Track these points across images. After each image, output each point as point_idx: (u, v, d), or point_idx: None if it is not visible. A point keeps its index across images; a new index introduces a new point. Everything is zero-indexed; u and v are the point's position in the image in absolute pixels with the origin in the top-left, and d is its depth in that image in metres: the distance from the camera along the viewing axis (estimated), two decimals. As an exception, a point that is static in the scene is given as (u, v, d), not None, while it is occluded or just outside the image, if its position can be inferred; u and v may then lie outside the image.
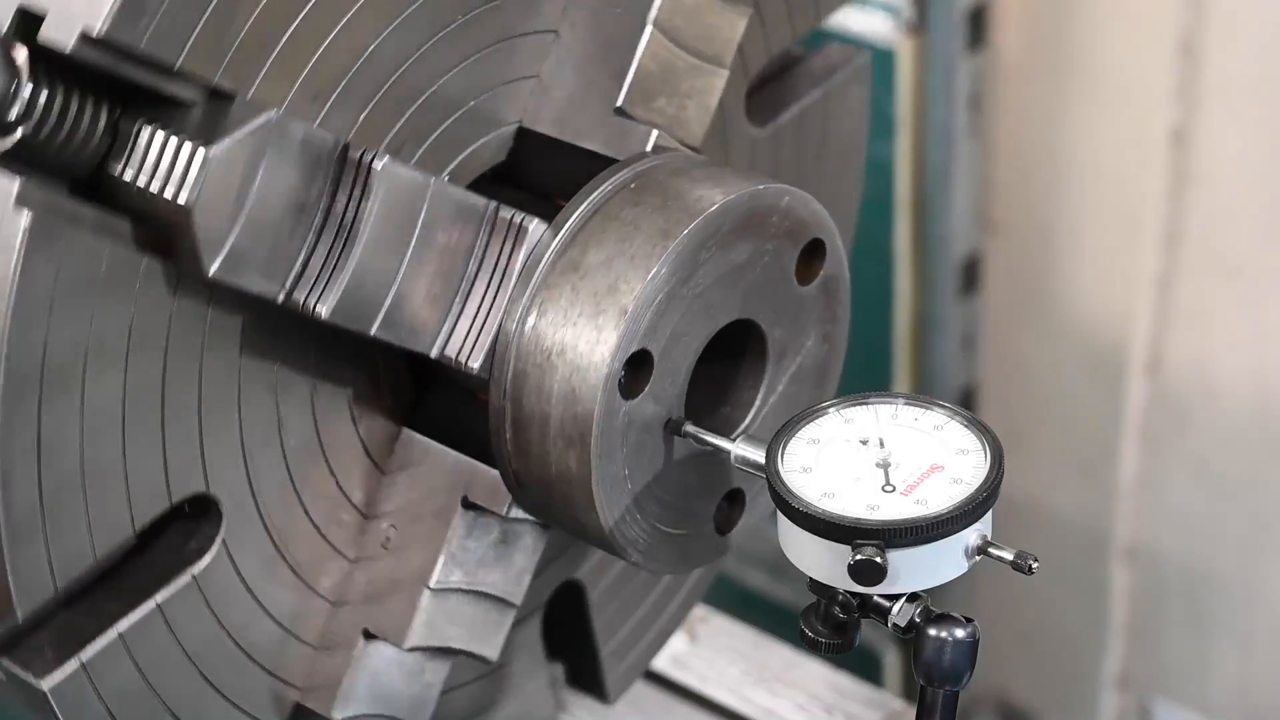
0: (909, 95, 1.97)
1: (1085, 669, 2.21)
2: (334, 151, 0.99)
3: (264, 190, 0.96)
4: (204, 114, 0.96)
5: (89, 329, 0.97)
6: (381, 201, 0.99)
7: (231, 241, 0.96)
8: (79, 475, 0.99)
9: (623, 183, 1.07)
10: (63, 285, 0.94)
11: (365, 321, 1.02)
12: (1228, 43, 1.83)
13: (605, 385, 1.02)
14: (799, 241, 1.09)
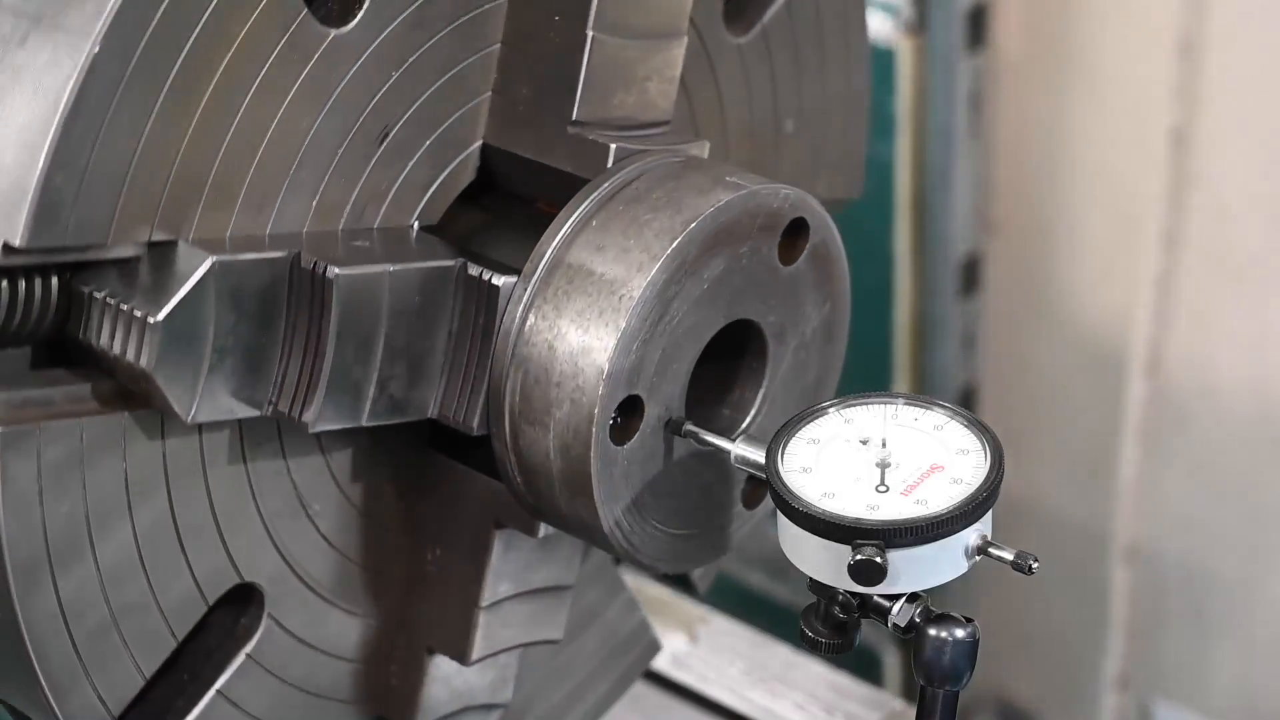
0: (909, 95, 1.97)
1: (1085, 669, 2.21)
2: (286, 266, 1.00)
3: (222, 330, 0.98)
4: (149, 268, 0.97)
5: (84, 498, 0.98)
6: (341, 307, 1.00)
7: (201, 388, 0.98)
8: (110, 620, 1.01)
9: (584, 219, 1.05)
10: (48, 472, 0.96)
11: (354, 416, 1.03)
12: (1228, 43, 1.83)
13: (596, 439, 1.03)
14: (776, 231, 1.08)
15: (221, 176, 0.99)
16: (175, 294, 0.96)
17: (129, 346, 0.96)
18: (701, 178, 1.07)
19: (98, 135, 0.93)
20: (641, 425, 1.06)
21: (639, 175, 1.07)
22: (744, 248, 1.06)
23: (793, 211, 1.08)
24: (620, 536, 1.06)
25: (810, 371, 1.14)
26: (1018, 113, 2.01)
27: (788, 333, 1.12)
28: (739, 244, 1.06)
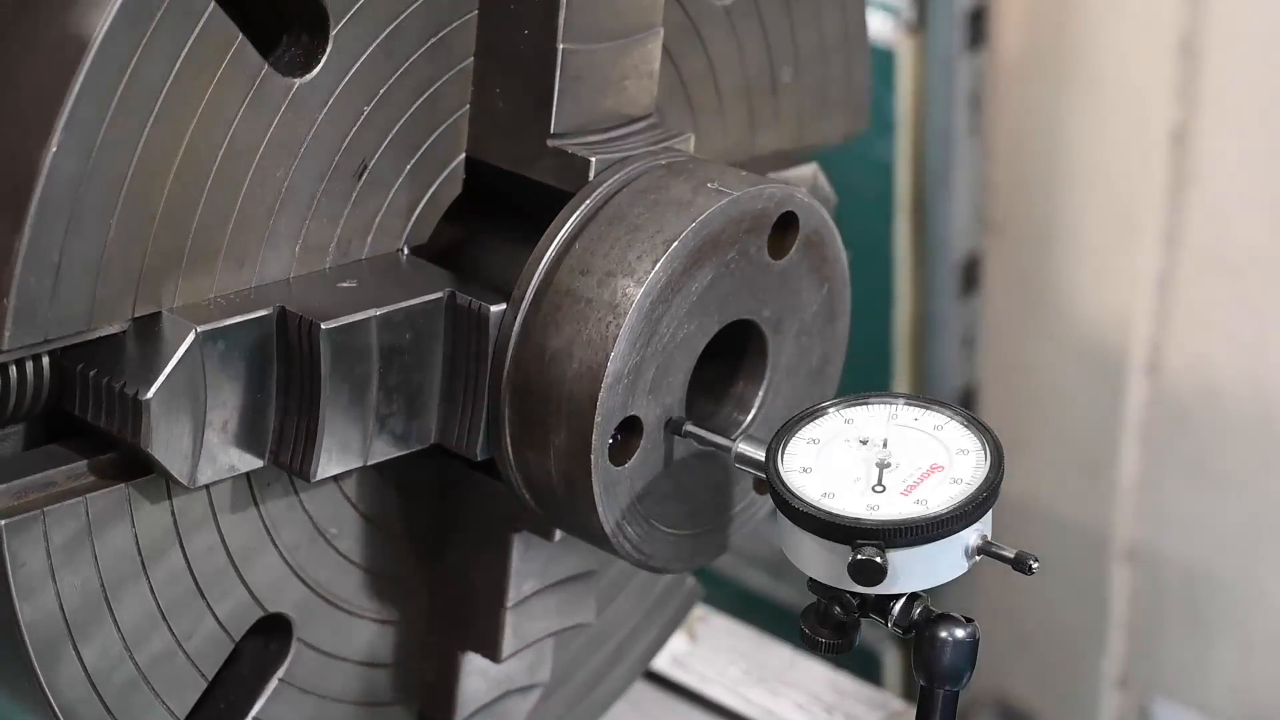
0: (909, 95, 1.97)
1: (1085, 669, 2.21)
2: (273, 322, 1.00)
3: (215, 394, 0.98)
4: (135, 342, 0.97)
5: (96, 569, 0.99)
6: (332, 357, 1.00)
7: (201, 453, 0.98)
8: (137, 675, 1.02)
9: (567, 241, 1.04)
10: (57, 553, 0.97)
11: (356, 458, 1.03)
12: (1228, 43, 1.83)
13: (597, 464, 1.03)
14: (764, 230, 1.07)
15: (199, 241, 0.98)
16: (163, 370, 0.96)
17: (123, 423, 0.97)
18: (683, 187, 1.05)
19: (66, 229, 0.92)
20: (642, 441, 1.06)
21: (621, 188, 1.05)
22: (731, 254, 1.05)
23: (779, 209, 1.08)
24: (628, 546, 1.07)
25: (814, 353, 1.14)
26: (1018, 113, 2.01)
27: (785, 321, 1.11)
28: (725, 251, 1.05)
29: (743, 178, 1.07)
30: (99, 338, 0.96)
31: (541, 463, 1.05)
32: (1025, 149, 2.02)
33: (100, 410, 0.98)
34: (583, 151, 1.06)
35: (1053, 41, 1.95)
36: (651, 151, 1.08)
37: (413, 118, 1.06)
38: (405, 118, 1.05)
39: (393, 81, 1.04)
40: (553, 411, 1.03)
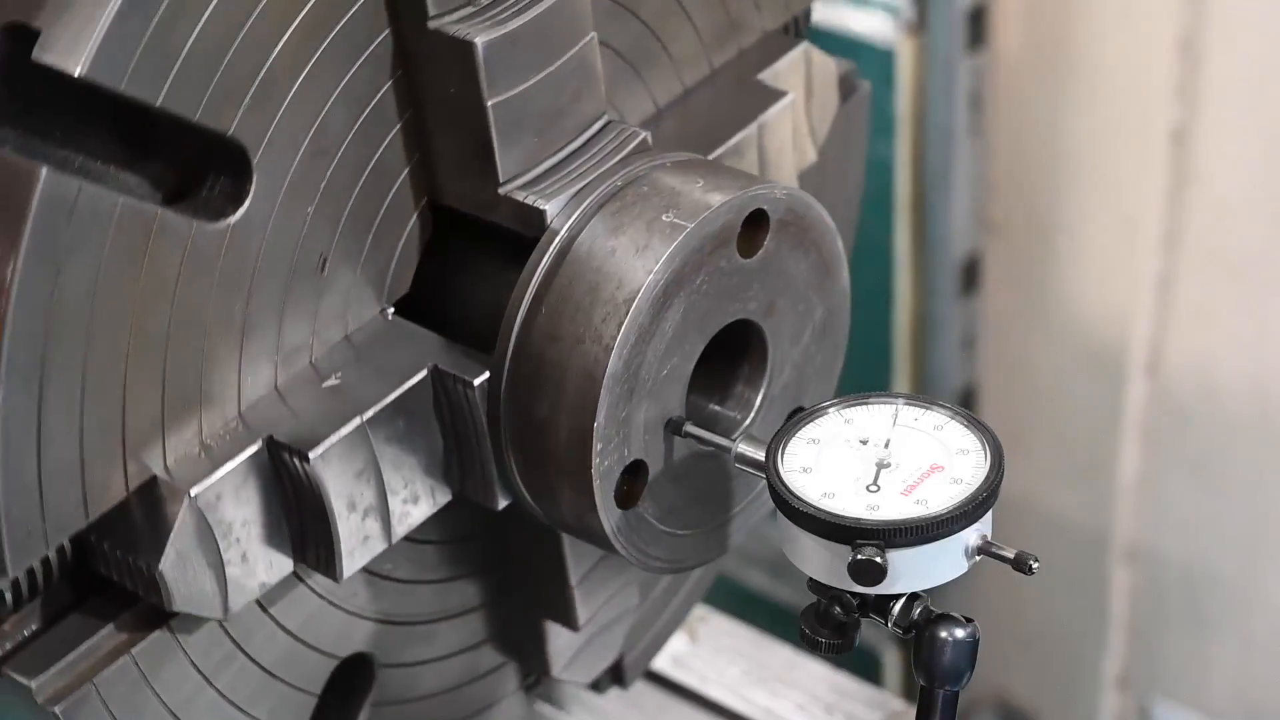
0: (909, 95, 1.97)
1: (1085, 669, 2.21)
2: (265, 453, 1.00)
3: (226, 538, 0.99)
4: (139, 510, 0.98)
5: (162, 703, 1.02)
6: (328, 478, 1.00)
7: (229, 588, 0.99)
8: None
9: (534, 301, 1.03)
10: (119, 706, 1.00)
11: (381, 542, 1.04)
12: (1228, 43, 1.83)
13: (605, 513, 1.04)
14: (730, 242, 1.05)
15: (173, 401, 0.98)
16: (167, 540, 0.97)
17: (145, 588, 0.99)
18: (638, 226, 1.03)
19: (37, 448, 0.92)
20: (650, 476, 1.07)
21: (578, 233, 1.03)
22: (700, 278, 1.04)
23: (742, 216, 1.05)
24: (628, 545, 1.07)
25: (815, 313, 1.12)
26: (1018, 113, 2.01)
27: (777, 301, 1.10)
28: (693, 279, 1.03)
29: (697, 196, 1.04)
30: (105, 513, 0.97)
31: (553, 508, 1.07)
32: (1025, 149, 2.02)
33: (122, 574, 0.99)
34: (535, 198, 1.04)
35: (1053, 41, 1.95)
36: (607, 172, 1.06)
37: (361, 194, 1.04)
38: (353, 199, 1.03)
39: (330, 174, 1.01)
40: (555, 473, 1.04)
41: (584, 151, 1.06)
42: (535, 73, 1.02)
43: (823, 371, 1.15)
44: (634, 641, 1.28)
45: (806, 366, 1.13)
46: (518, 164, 1.04)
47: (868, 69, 1.30)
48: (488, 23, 1.00)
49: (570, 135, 1.06)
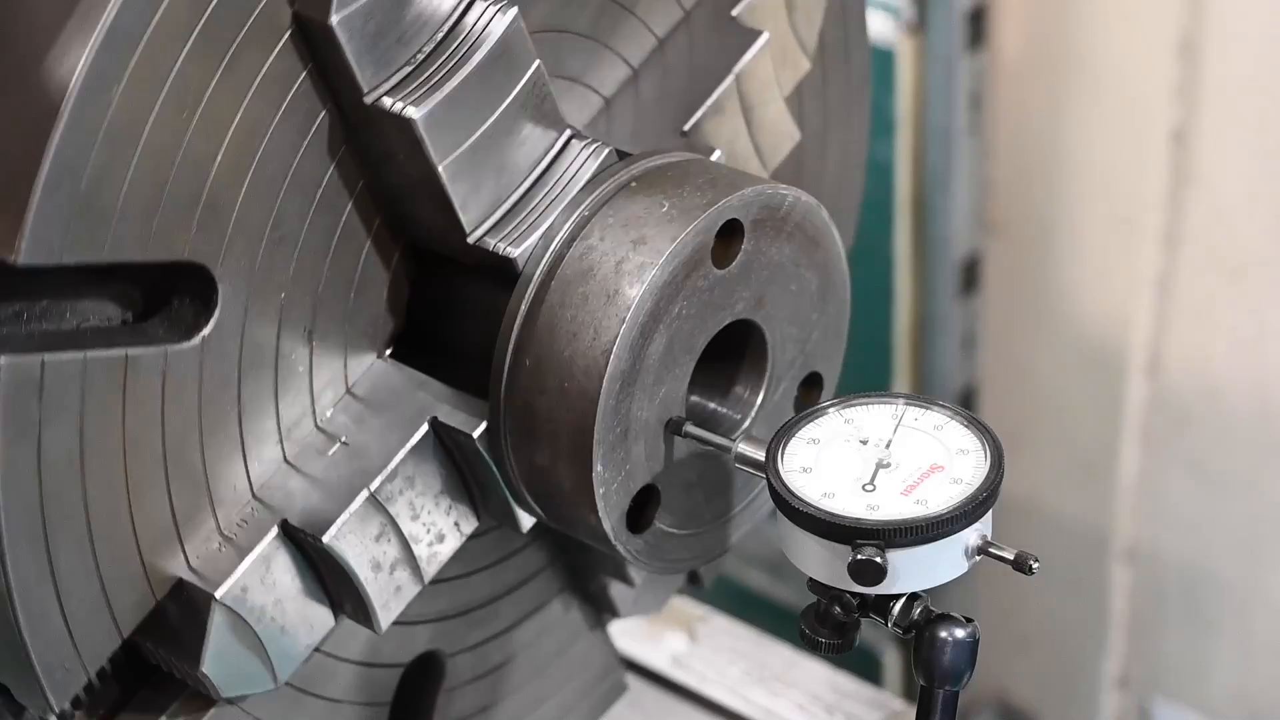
0: (909, 95, 1.97)
1: (1085, 669, 2.21)
2: (281, 537, 1.01)
3: (261, 619, 1.00)
4: (174, 611, 1.00)
5: None
6: (346, 552, 1.01)
7: (274, 663, 1.01)
8: None
9: (517, 354, 1.04)
10: None
11: (415, 586, 1.05)
12: (1228, 43, 1.83)
13: (621, 543, 1.06)
14: (704, 262, 1.04)
15: (183, 509, 0.99)
16: (206, 644, 0.98)
17: (195, 683, 1.00)
18: (608, 267, 1.02)
19: (59, 602, 0.94)
20: (660, 502, 1.07)
21: (551, 275, 1.03)
22: (678, 305, 1.03)
23: (713, 230, 1.03)
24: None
25: (810, 285, 1.11)
26: (1018, 113, 2.01)
27: (767, 294, 1.09)
28: (671, 308, 1.03)
29: (664, 224, 1.02)
30: None
31: (575, 531, 1.09)
32: (1025, 149, 2.02)
33: (171, 667, 1.01)
34: (504, 245, 1.03)
35: (1053, 41, 1.95)
36: (573, 201, 1.04)
37: (334, 262, 1.03)
38: (326, 268, 1.03)
39: (296, 256, 1.01)
40: (567, 516, 1.06)
41: (548, 178, 1.04)
42: (481, 122, 1.00)
43: (830, 333, 1.14)
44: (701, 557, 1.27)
45: (812, 334, 1.12)
46: (481, 210, 1.02)
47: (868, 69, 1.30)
48: (424, 89, 0.98)
49: (531, 165, 1.04)
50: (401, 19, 0.97)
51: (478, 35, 0.99)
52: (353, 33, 0.95)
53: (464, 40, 0.99)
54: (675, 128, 1.13)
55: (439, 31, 0.99)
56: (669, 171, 1.06)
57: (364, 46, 0.96)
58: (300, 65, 0.96)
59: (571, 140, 1.05)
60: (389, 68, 0.97)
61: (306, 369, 1.03)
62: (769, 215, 1.06)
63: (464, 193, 1.01)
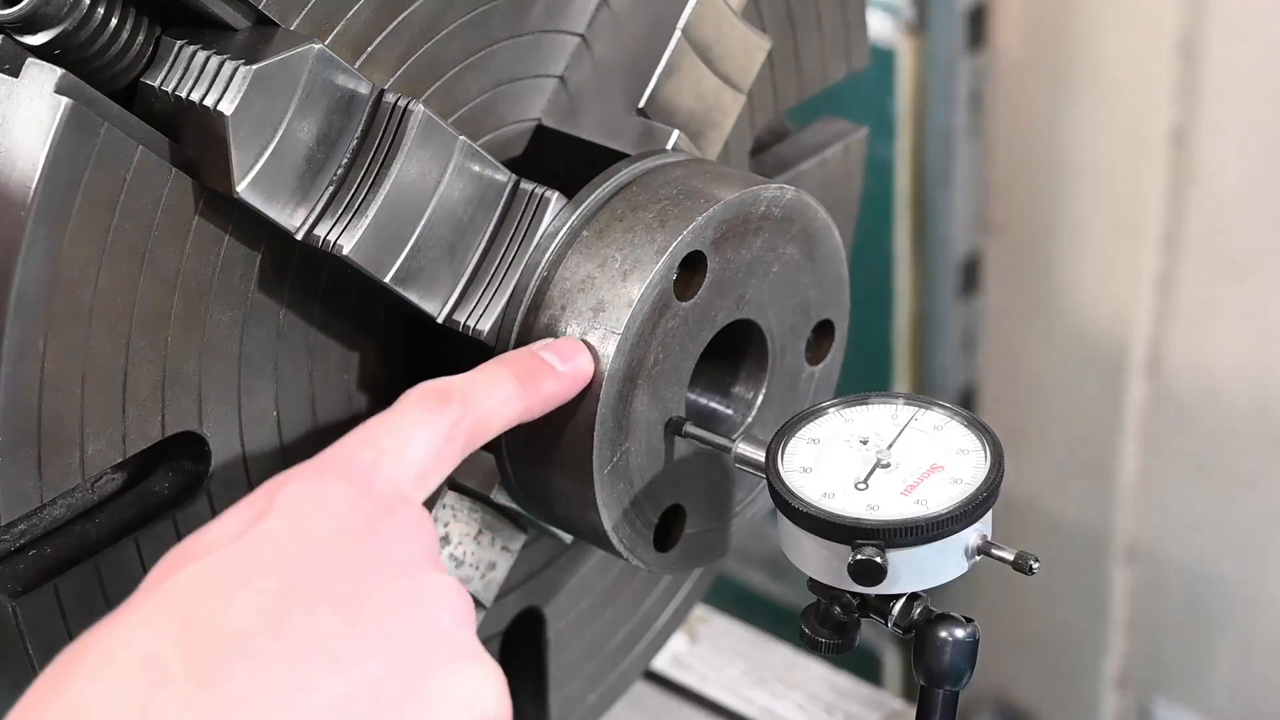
0: (909, 95, 1.97)
1: (1085, 669, 2.21)
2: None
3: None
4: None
5: None
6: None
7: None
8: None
9: None
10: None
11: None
12: (1228, 43, 1.83)
13: (646, 561, 1.07)
14: (669, 304, 1.02)
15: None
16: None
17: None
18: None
19: None
20: (686, 522, 1.08)
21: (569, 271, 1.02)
22: (651, 357, 1.02)
23: (670, 277, 1.02)
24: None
25: (790, 255, 1.08)
26: (1018, 113, 2.01)
27: (746, 291, 1.07)
28: (646, 361, 1.02)
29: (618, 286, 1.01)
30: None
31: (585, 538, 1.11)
32: (1025, 149, 2.02)
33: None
34: (472, 320, 1.02)
35: (1053, 41, 1.95)
36: (529, 265, 1.03)
37: (319, 368, 1.04)
38: (313, 376, 1.03)
39: (278, 390, 1.02)
40: None
41: (501, 237, 1.03)
42: (414, 228, 0.99)
43: (828, 280, 1.12)
44: None
45: (808, 293, 1.11)
46: (442, 296, 1.02)
47: (868, 69, 1.30)
48: (347, 219, 0.97)
49: (479, 232, 1.03)
50: (310, 150, 0.95)
51: (393, 136, 0.98)
52: (264, 192, 0.94)
53: (380, 146, 0.98)
54: (629, 107, 1.11)
55: (352, 140, 0.97)
56: (618, 208, 1.04)
57: (279, 196, 0.95)
58: (221, 232, 0.96)
59: (518, 194, 1.04)
60: (311, 199, 0.96)
61: None
62: (730, 227, 1.04)
63: (420, 290, 1.00)
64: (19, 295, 0.87)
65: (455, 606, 0.81)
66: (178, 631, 0.75)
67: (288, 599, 0.77)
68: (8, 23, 0.88)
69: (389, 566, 0.81)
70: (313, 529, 0.81)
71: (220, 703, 0.73)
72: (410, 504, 0.85)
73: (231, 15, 0.94)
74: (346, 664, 0.76)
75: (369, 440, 0.87)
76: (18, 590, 0.93)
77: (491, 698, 0.79)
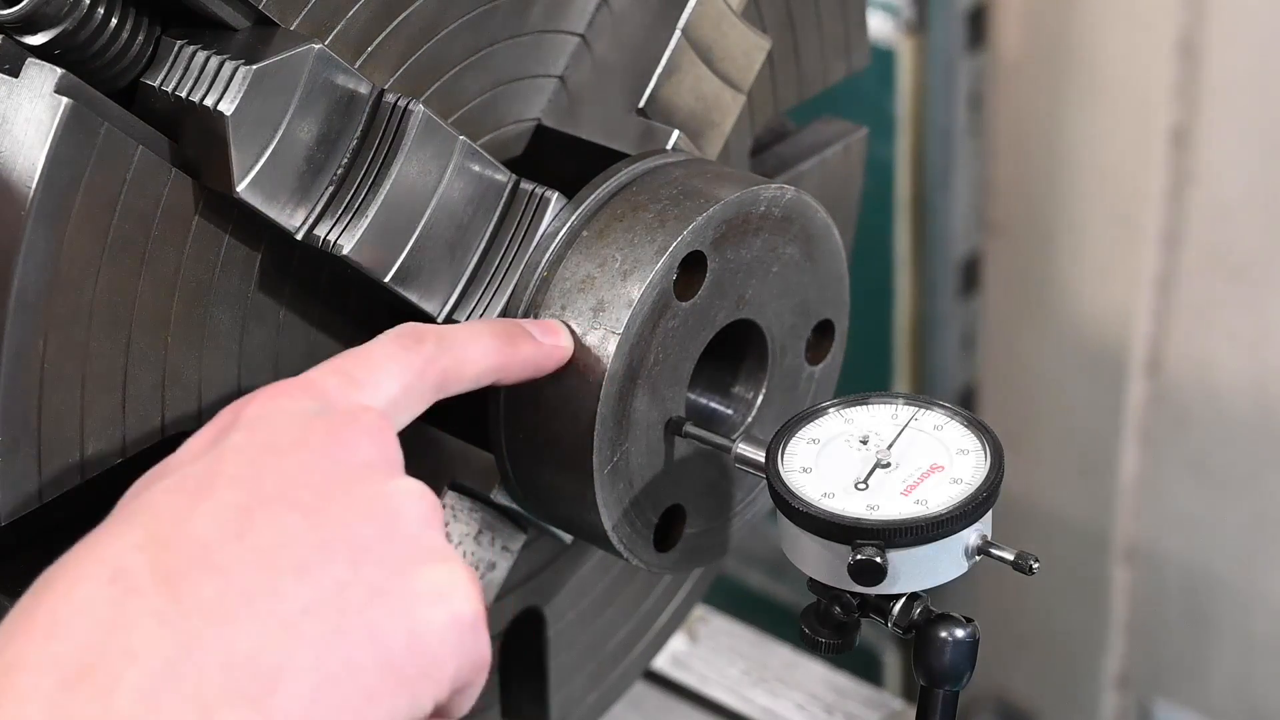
0: (909, 95, 1.97)
1: (1085, 669, 2.21)
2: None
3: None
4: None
5: None
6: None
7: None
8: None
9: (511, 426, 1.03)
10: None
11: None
12: (1228, 43, 1.83)
13: (646, 561, 1.07)
14: (669, 304, 1.02)
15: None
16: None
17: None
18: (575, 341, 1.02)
19: None
20: (685, 525, 1.08)
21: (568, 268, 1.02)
22: (651, 357, 1.02)
23: (670, 278, 1.01)
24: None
25: (791, 254, 1.08)
26: (1018, 113, 2.01)
27: (745, 291, 1.07)
28: (646, 360, 1.02)
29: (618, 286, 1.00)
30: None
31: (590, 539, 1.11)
32: (1025, 149, 2.02)
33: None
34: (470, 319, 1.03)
35: (1053, 41, 1.95)
36: (529, 265, 1.02)
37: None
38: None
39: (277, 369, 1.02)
40: None
41: (498, 243, 1.03)
42: (413, 228, 0.99)
43: (828, 279, 1.12)
44: None
45: (807, 293, 1.11)
46: (443, 292, 1.02)
47: (868, 69, 1.30)
48: (347, 219, 0.97)
49: (480, 231, 1.03)
50: (310, 150, 0.95)
51: (393, 136, 0.98)
52: (264, 192, 0.94)
53: (380, 146, 0.98)
54: (629, 107, 1.12)
55: (352, 140, 0.97)
56: (618, 208, 1.04)
57: (279, 196, 0.94)
58: (221, 232, 0.96)
59: (518, 194, 1.04)
60: (310, 199, 0.96)
61: None
62: (730, 227, 1.04)
63: (420, 290, 1.00)
64: (19, 295, 0.87)
65: (420, 508, 0.81)
66: (145, 545, 0.76)
67: (252, 508, 0.77)
68: (8, 23, 0.88)
69: (352, 472, 0.81)
70: (276, 439, 0.81)
71: (188, 613, 0.73)
72: (371, 413, 0.85)
73: (231, 15, 0.94)
74: (312, 569, 0.76)
75: (339, 368, 0.87)
76: (18, 590, 0.93)
77: (461, 595, 0.79)
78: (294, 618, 0.75)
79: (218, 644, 0.73)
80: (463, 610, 0.79)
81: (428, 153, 0.99)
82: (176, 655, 0.72)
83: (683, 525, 1.08)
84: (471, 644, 0.80)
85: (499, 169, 1.03)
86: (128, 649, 0.72)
